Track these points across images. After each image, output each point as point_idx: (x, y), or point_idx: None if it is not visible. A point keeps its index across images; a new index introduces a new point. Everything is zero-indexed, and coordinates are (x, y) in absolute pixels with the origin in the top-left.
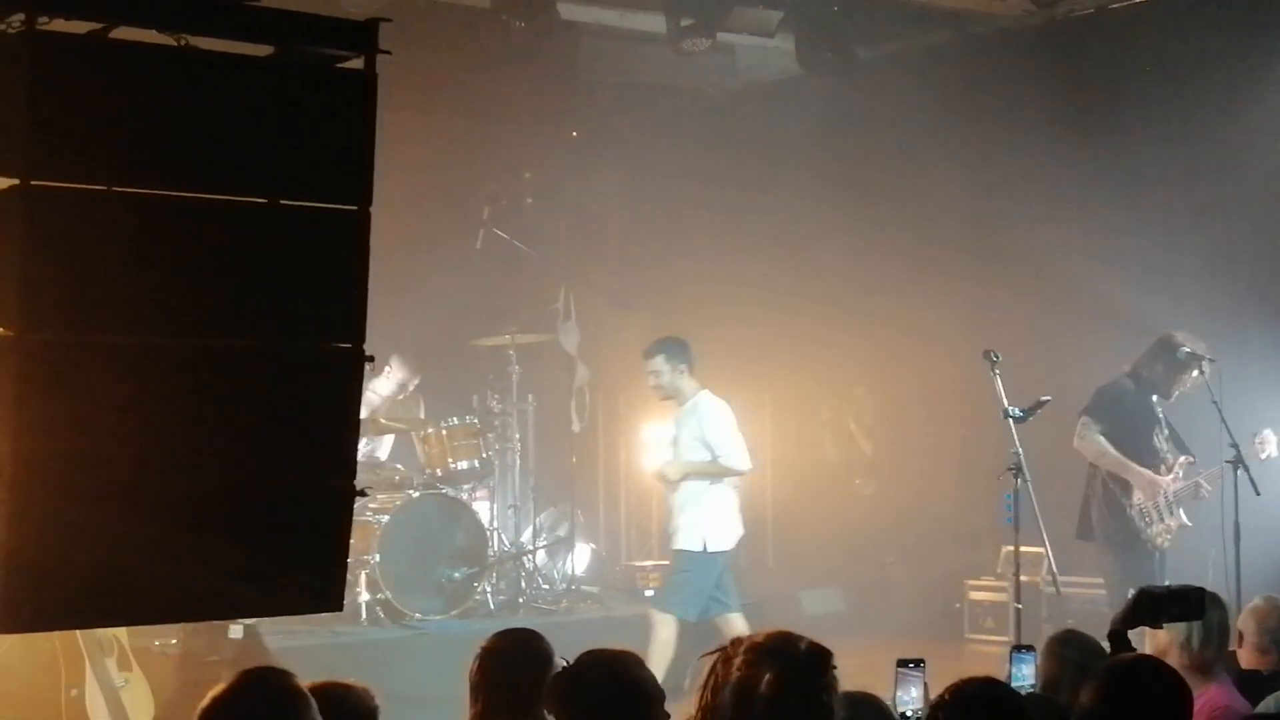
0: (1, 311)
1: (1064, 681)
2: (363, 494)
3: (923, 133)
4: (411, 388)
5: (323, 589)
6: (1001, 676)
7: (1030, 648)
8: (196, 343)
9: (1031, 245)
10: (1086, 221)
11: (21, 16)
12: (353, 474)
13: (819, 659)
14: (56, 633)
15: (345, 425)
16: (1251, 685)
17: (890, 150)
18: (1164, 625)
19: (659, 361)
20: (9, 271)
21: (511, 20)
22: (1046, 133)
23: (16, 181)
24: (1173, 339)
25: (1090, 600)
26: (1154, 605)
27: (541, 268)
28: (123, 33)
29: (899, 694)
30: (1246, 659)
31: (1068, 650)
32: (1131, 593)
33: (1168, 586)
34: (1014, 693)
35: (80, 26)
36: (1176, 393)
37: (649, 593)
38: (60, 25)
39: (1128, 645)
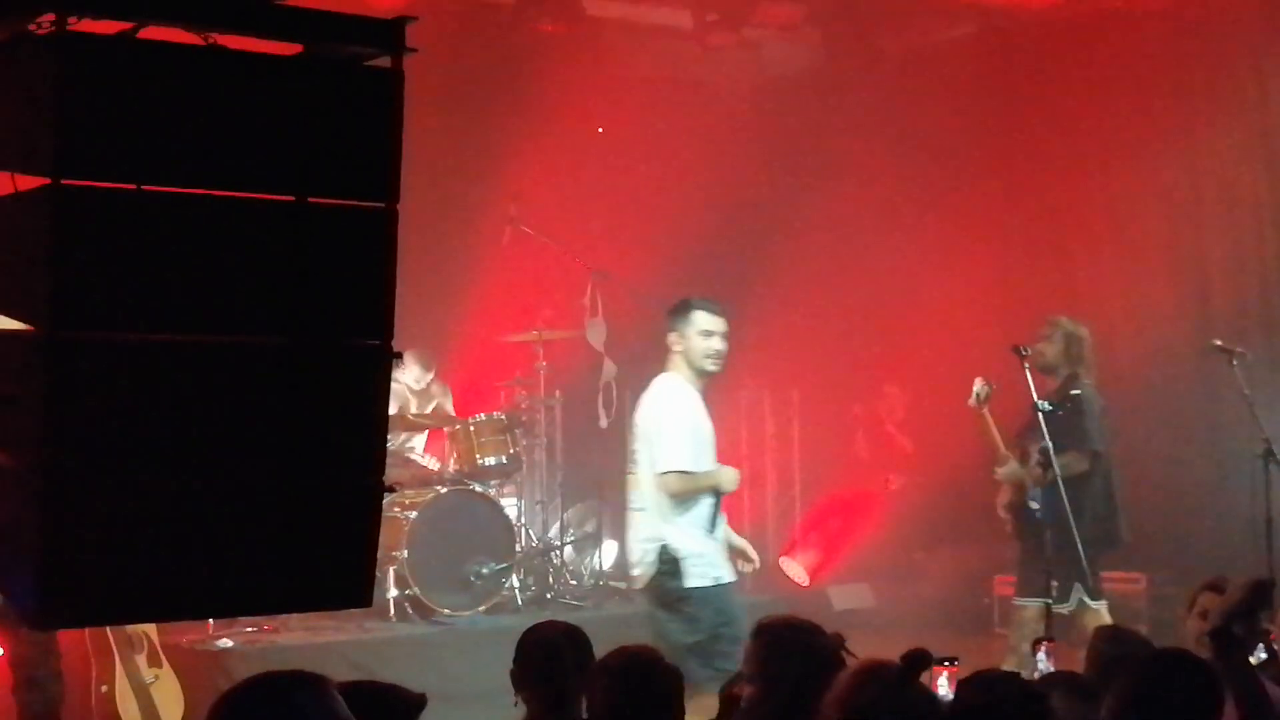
0: (31, 311)
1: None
2: (391, 490)
3: (949, 125)
4: (426, 382)
5: (351, 585)
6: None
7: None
8: (225, 340)
9: (1062, 237)
10: (1117, 212)
11: (51, 17)
12: (381, 470)
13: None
14: (87, 630)
15: (373, 422)
16: None
17: (916, 144)
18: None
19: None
20: (38, 271)
21: (538, 17)
22: (1075, 124)
23: (46, 181)
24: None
25: (1122, 596)
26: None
27: (568, 264)
28: (151, 32)
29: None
30: None
31: (1111, 647)
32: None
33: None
34: (1034, 687)
35: (108, 26)
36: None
37: None
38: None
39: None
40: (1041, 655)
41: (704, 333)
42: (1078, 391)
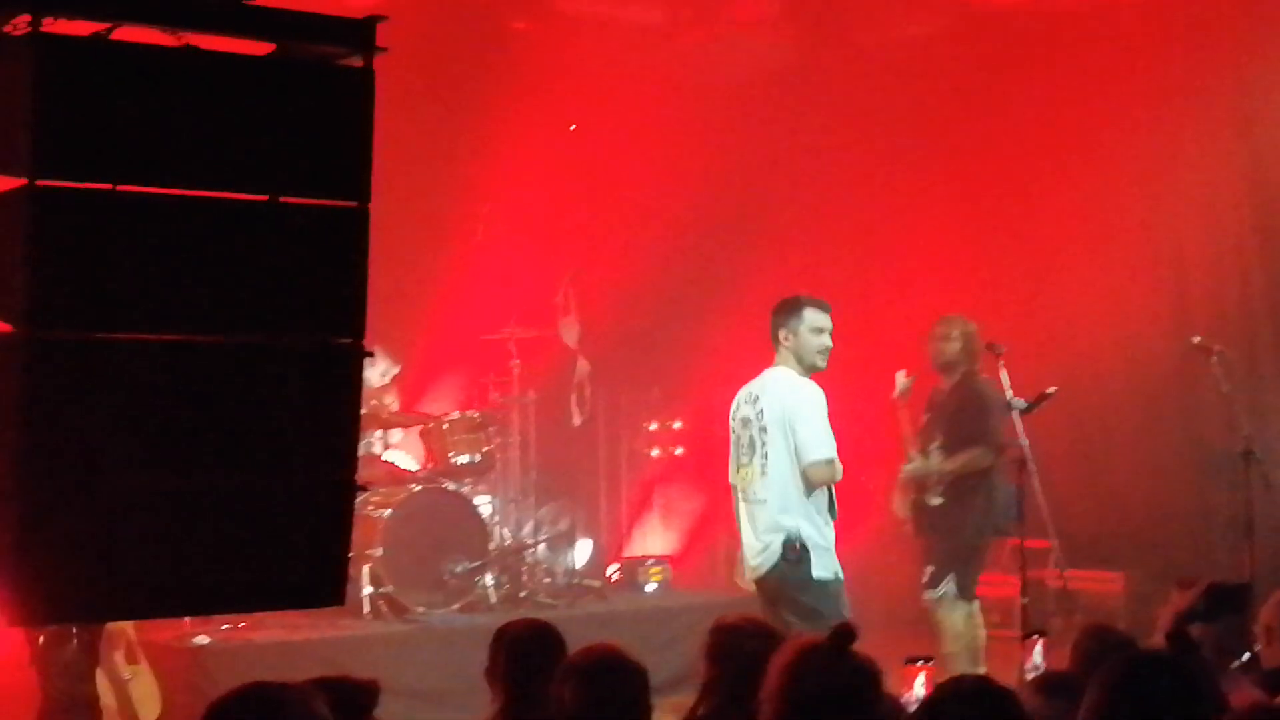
0: (7, 310)
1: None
2: (363, 489)
3: (925, 121)
4: (390, 377)
5: (324, 584)
6: (1009, 669)
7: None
8: (200, 339)
9: (1040, 234)
10: (1095, 208)
11: (27, 18)
12: (354, 468)
13: None
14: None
15: (346, 420)
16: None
17: (892, 140)
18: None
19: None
20: (15, 271)
21: (510, 14)
22: (1052, 120)
23: (22, 182)
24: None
25: (1098, 595)
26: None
27: (541, 262)
28: (125, 33)
29: (907, 692)
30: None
31: (1097, 645)
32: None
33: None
34: (1007, 691)
35: (83, 27)
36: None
37: (649, 587)
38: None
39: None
40: (1037, 650)
41: (815, 330)
42: (979, 388)
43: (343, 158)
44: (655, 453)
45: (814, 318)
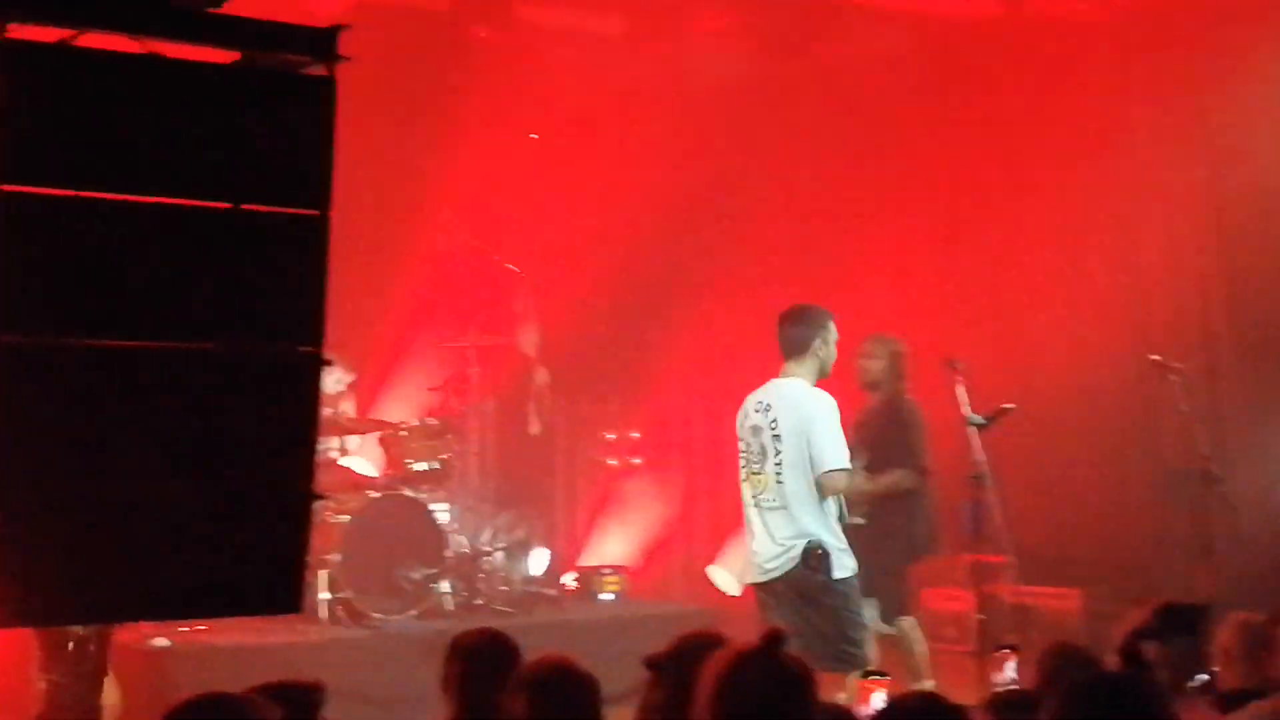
0: None
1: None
2: (321, 498)
3: (884, 135)
4: (345, 384)
5: (282, 591)
6: (963, 684)
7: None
8: (162, 346)
9: (999, 250)
10: (1055, 223)
11: None
12: (312, 476)
13: None
14: None
15: (305, 428)
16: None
17: (852, 153)
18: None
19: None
20: None
21: (471, 23)
22: (1011, 136)
23: None
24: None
25: (1055, 612)
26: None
27: (501, 270)
28: (90, 40)
29: (862, 708)
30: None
31: (1059, 663)
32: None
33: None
34: (955, 708)
35: (48, 33)
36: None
37: (605, 597)
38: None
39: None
40: (1011, 666)
41: (835, 341)
42: (902, 409)
43: (304, 166)
44: (613, 462)
45: (835, 329)
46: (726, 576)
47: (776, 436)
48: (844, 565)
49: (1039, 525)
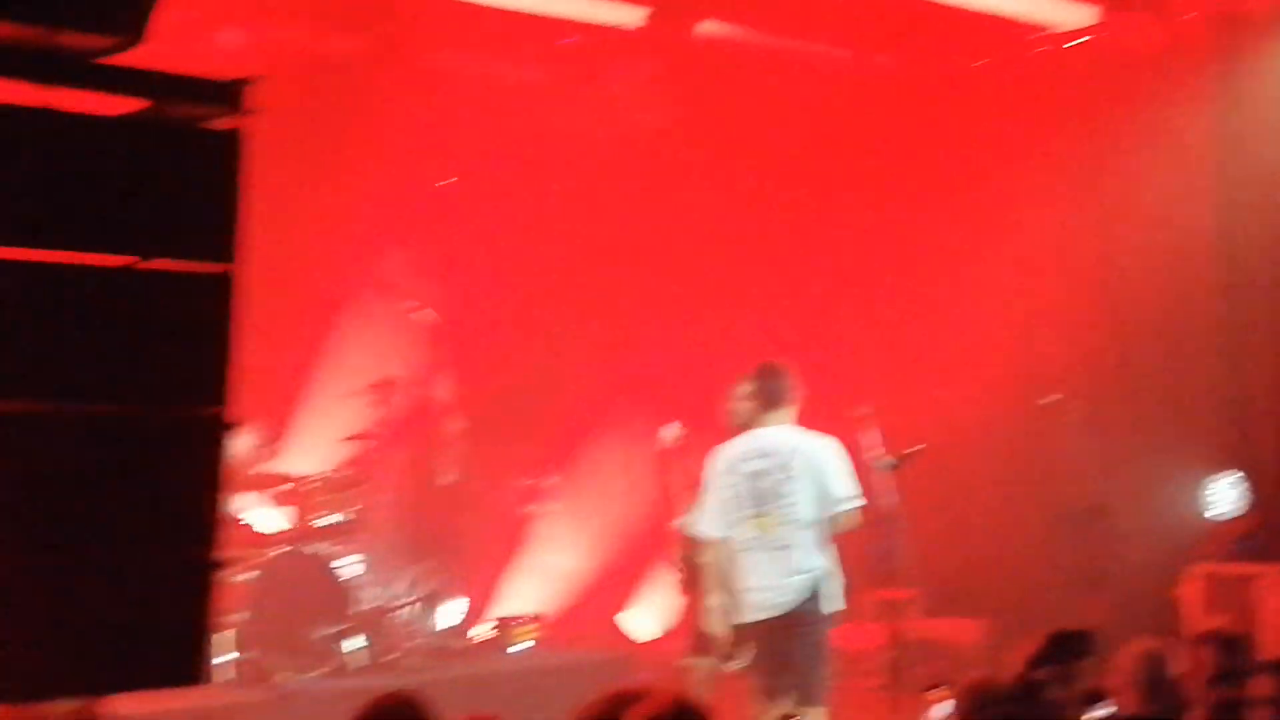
0: None
1: None
2: (223, 566)
3: (805, 180)
4: (261, 446)
5: (184, 664)
6: None
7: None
8: (55, 409)
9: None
10: (956, 267)
11: None
12: (215, 543)
13: None
14: None
15: (208, 493)
16: None
17: (767, 197)
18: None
19: None
20: None
21: (389, 71)
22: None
23: None
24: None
25: (957, 644)
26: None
27: (417, 317)
28: None
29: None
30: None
31: (975, 700)
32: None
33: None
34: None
35: None
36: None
37: (521, 647)
38: None
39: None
40: (944, 707)
41: None
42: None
43: (211, 220)
44: (530, 509)
45: None
46: (641, 622)
47: (789, 478)
48: (840, 599)
49: (944, 561)
